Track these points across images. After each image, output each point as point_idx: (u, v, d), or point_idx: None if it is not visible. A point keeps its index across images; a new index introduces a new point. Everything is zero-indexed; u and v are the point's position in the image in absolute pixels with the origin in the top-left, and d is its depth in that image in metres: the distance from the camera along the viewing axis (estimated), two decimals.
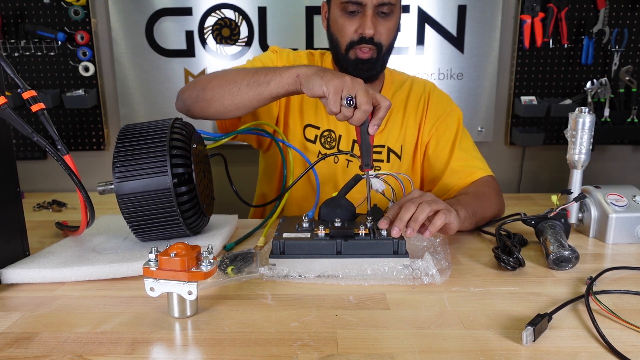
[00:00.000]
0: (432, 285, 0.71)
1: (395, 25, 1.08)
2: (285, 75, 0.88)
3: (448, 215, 0.80)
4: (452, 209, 0.82)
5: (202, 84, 0.98)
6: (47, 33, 1.83)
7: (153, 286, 0.60)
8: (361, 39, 1.05)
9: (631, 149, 2.06)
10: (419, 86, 1.22)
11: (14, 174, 0.74)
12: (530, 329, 0.54)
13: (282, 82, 0.88)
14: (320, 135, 1.16)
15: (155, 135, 0.79)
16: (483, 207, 0.98)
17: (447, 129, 1.17)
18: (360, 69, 1.07)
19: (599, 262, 0.82)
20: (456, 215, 0.83)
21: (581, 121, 0.90)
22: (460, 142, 1.15)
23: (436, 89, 1.23)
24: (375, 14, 1.03)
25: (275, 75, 0.89)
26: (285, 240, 0.74)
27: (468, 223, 0.93)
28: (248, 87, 0.92)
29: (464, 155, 1.14)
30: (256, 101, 0.93)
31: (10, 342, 0.56)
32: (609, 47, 1.89)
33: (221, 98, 0.95)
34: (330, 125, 1.16)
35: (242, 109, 0.95)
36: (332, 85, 0.79)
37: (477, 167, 1.13)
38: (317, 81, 0.82)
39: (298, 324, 0.60)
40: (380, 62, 1.09)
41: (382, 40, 1.06)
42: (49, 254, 0.78)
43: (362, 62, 1.07)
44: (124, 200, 0.77)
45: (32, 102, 0.70)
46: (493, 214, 1.03)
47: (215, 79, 0.97)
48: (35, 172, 1.95)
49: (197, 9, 1.86)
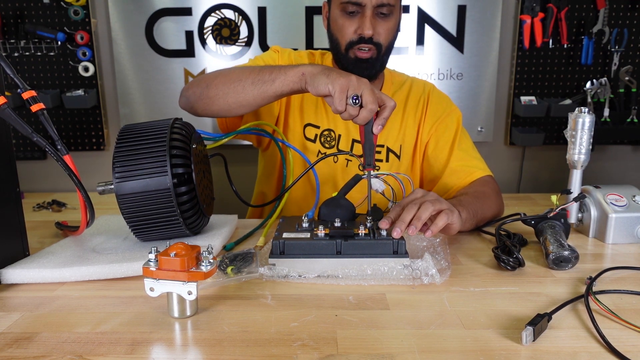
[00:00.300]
0: (431, 285, 0.71)
1: (395, 25, 1.09)
2: (290, 73, 0.88)
3: (450, 215, 0.80)
4: (454, 209, 0.82)
5: (206, 82, 0.98)
6: (47, 33, 1.83)
7: (153, 286, 0.60)
8: (360, 39, 1.05)
9: (631, 149, 2.06)
10: (418, 87, 1.23)
11: (14, 174, 0.74)
12: (530, 329, 0.54)
13: (287, 80, 0.88)
14: (320, 135, 1.16)
15: (155, 136, 0.79)
16: (483, 207, 0.98)
17: (446, 129, 1.17)
18: (360, 68, 1.07)
19: (599, 262, 0.82)
20: (458, 215, 0.83)
21: (581, 121, 0.90)
22: (459, 142, 1.16)
23: (436, 90, 1.24)
24: (374, 14, 1.04)
25: (280, 74, 0.89)
26: (285, 240, 0.74)
27: (469, 224, 0.93)
28: (253, 85, 0.92)
29: (463, 155, 1.15)
30: (260, 99, 0.93)
31: (10, 342, 0.56)
32: (608, 47, 1.89)
33: (225, 96, 0.95)
34: (330, 124, 1.16)
35: (246, 106, 0.95)
36: (338, 83, 0.79)
37: (476, 167, 1.13)
38: (322, 80, 0.82)
39: (298, 324, 0.60)
40: (380, 61, 1.10)
41: (382, 41, 1.07)
42: (48, 254, 0.78)
43: (362, 62, 1.07)
44: (124, 201, 0.77)
45: (32, 102, 0.70)
46: (493, 214, 1.03)
47: (219, 76, 0.97)
48: (35, 172, 1.95)
49: (197, 9, 1.86)
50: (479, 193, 1.03)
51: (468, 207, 0.91)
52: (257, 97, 0.92)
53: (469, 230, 0.97)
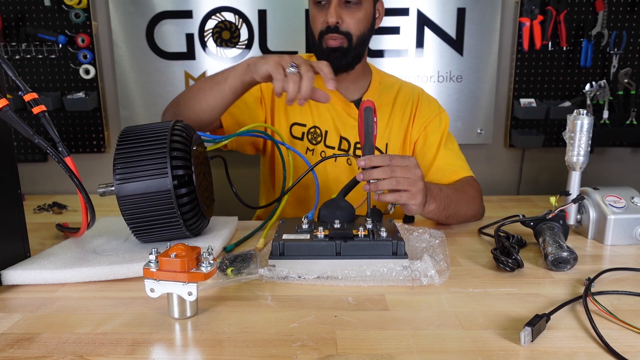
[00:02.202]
0: (431, 286, 0.71)
1: (366, 16, 1.12)
2: (238, 67, 0.97)
3: (408, 200, 0.84)
4: (420, 196, 0.85)
5: (177, 100, 1.07)
6: (48, 36, 1.84)
7: (153, 287, 0.60)
8: (328, 29, 1.10)
9: (630, 151, 2.06)
10: (408, 89, 1.26)
11: (15, 176, 0.75)
12: (528, 330, 0.55)
13: (237, 75, 0.96)
14: (307, 132, 1.20)
15: (156, 137, 0.79)
16: (459, 202, 1.01)
17: (434, 130, 1.21)
18: (332, 57, 1.11)
19: (597, 263, 0.83)
20: (420, 203, 0.86)
21: (579, 123, 0.90)
22: (446, 143, 1.20)
23: (425, 93, 1.28)
24: (341, 4, 1.09)
25: (230, 71, 0.98)
26: (284, 241, 0.75)
27: (435, 215, 0.96)
28: (211, 89, 1.00)
29: (449, 154, 1.19)
30: (220, 99, 1.00)
31: (11, 342, 0.56)
32: (607, 49, 1.90)
33: (193, 107, 1.03)
34: (315, 122, 1.19)
35: (211, 110, 1.02)
36: (272, 60, 0.89)
37: (461, 166, 1.17)
38: (261, 63, 0.90)
39: (297, 324, 0.60)
40: (354, 52, 1.12)
41: (351, 30, 1.10)
42: (49, 255, 0.78)
43: (333, 51, 1.11)
44: (125, 202, 0.77)
45: (33, 104, 0.70)
46: (471, 214, 1.06)
47: (186, 92, 1.06)
48: (36, 174, 1.96)
49: (198, 12, 1.87)
50: (461, 190, 1.05)
51: (440, 200, 0.94)
52: (217, 99, 1.00)
53: (438, 221, 1.02)
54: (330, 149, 1.19)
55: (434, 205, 0.93)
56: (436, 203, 0.93)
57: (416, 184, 0.84)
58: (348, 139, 1.20)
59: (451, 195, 0.99)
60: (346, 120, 1.20)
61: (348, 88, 1.21)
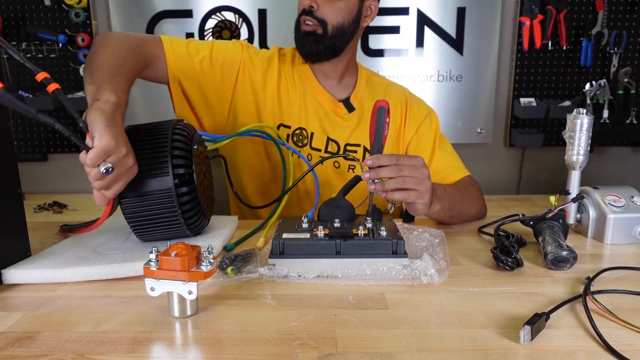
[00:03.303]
0: (430, 285, 0.71)
1: (348, 8, 1.11)
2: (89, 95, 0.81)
3: (416, 199, 0.84)
4: (428, 195, 0.85)
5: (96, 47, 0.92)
6: (48, 35, 1.84)
7: (153, 286, 0.60)
8: (303, 11, 1.10)
9: (630, 150, 2.07)
10: (395, 90, 1.25)
11: (16, 175, 0.75)
12: (527, 328, 0.55)
13: (88, 95, 0.82)
14: (292, 134, 1.18)
15: (157, 136, 0.79)
16: (463, 202, 1.02)
17: (426, 131, 1.21)
18: (305, 41, 1.12)
19: (597, 263, 0.83)
20: (427, 202, 0.86)
21: (579, 122, 0.90)
22: (440, 144, 1.20)
23: (411, 94, 1.27)
24: None
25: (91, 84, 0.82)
26: (284, 240, 0.75)
27: (440, 216, 0.96)
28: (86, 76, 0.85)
29: (444, 156, 1.19)
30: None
31: (12, 341, 0.56)
32: (607, 49, 1.90)
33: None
34: (301, 123, 1.18)
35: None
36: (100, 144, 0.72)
37: (457, 167, 1.17)
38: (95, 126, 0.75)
39: (297, 323, 0.60)
40: (328, 42, 1.11)
41: (327, 18, 1.09)
42: (50, 254, 0.78)
43: (305, 34, 1.12)
44: (125, 201, 0.77)
45: (46, 83, 0.70)
46: (475, 214, 1.06)
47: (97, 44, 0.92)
48: (36, 173, 1.96)
49: (198, 11, 1.87)
50: (464, 190, 1.05)
51: (444, 201, 0.94)
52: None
53: (442, 221, 1.01)
54: (317, 151, 1.17)
55: (439, 206, 0.92)
56: (441, 204, 0.93)
57: (424, 183, 0.84)
58: (337, 140, 1.18)
59: (455, 195, 0.99)
60: (334, 120, 1.18)
61: (334, 86, 1.20)
